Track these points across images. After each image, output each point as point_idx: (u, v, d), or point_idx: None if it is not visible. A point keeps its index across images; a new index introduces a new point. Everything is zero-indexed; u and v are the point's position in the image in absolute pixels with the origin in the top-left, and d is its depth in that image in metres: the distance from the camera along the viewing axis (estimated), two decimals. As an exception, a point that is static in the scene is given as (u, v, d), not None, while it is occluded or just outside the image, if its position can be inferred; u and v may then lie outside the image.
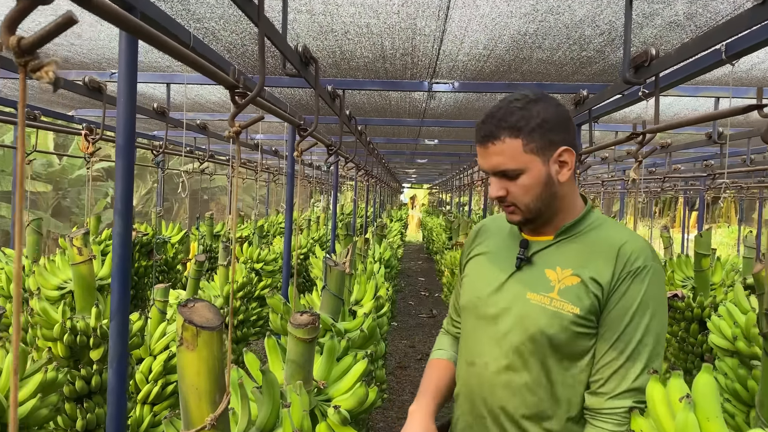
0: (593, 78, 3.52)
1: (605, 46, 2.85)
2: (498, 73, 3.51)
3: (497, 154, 1.29)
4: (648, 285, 1.25)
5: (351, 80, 3.82)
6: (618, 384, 1.24)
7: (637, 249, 1.28)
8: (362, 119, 5.53)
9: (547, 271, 1.33)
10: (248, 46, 3.12)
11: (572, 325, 1.27)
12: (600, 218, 1.38)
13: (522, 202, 1.31)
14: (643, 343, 1.24)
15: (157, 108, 3.72)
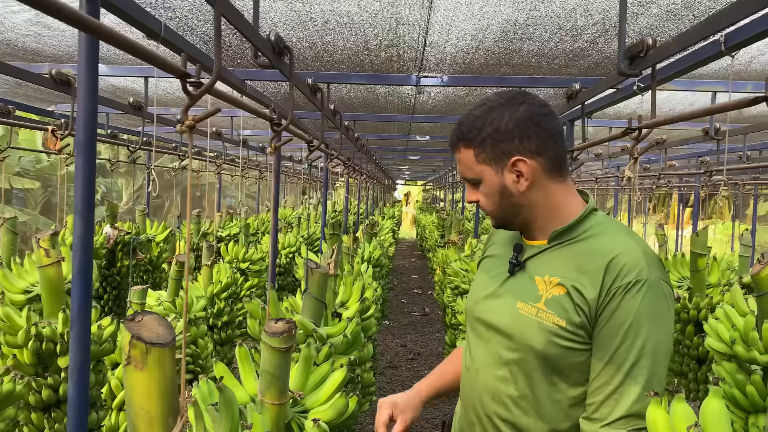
0: (586, 71, 3.39)
1: (599, 37, 2.72)
2: (488, 66, 3.38)
3: (459, 162, 1.34)
4: (642, 301, 1.16)
5: (335, 74, 3.68)
6: (612, 410, 1.17)
7: (630, 262, 1.19)
8: (350, 115, 5.39)
9: (537, 278, 1.29)
10: (224, 37, 2.97)
11: (557, 338, 1.22)
12: (601, 223, 1.29)
13: (488, 208, 1.33)
14: (638, 365, 1.15)
15: (133, 103, 3.57)
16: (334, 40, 2.88)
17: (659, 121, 1.82)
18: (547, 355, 1.24)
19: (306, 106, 5.02)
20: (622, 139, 2.69)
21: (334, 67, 3.50)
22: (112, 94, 4.81)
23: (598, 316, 1.20)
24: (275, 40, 2.00)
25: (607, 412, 1.18)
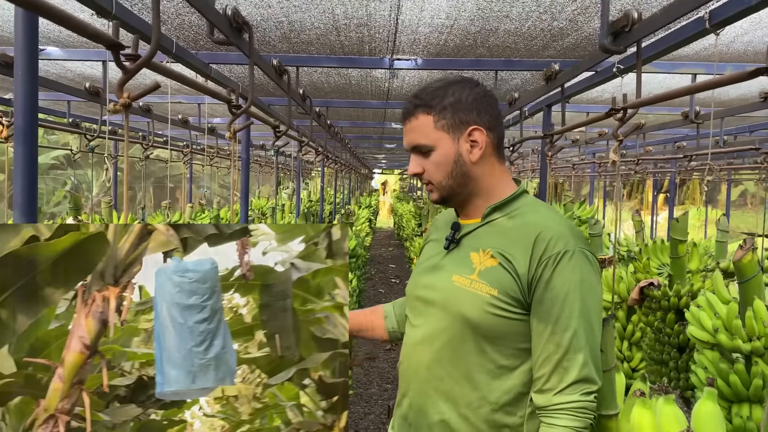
0: (566, 53, 3.27)
1: (578, 15, 2.59)
2: (463, 48, 3.24)
3: (412, 130, 1.35)
4: (574, 270, 1.24)
5: (304, 56, 3.51)
6: (562, 377, 1.23)
7: (556, 234, 1.27)
8: (322, 101, 5.21)
9: (472, 253, 1.35)
10: (184, 16, 2.78)
11: (490, 307, 1.28)
12: (531, 202, 1.39)
13: (435, 179, 1.35)
14: (579, 332, 1.23)
15: (90, 88, 3.37)
16: (301, 18, 2.71)
17: (645, 101, 1.71)
18: (479, 324, 1.28)
19: (275, 92, 4.84)
20: (602, 122, 2.58)
21: (303, 49, 3.33)
22: (71, 80, 4.57)
23: (533, 286, 1.26)
24: (232, 15, 1.84)
25: (557, 380, 1.23)
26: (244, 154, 4.11)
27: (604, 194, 14.36)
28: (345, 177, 15.82)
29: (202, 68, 3.29)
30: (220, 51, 3.52)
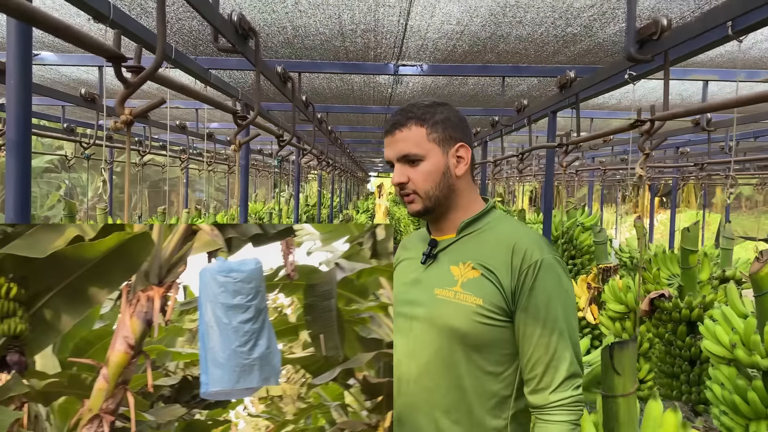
0: (576, 59, 3.18)
1: (594, 21, 2.50)
2: (471, 53, 3.15)
3: (403, 140, 1.39)
4: (551, 276, 1.33)
5: (307, 62, 3.41)
6: (554, 376, 1.31)
7: (531, 244, 1.36)
8: (322, 106, 5.11)
9: (452, 267, 1.39)
10: (183, 21, 2.68)
11: (477, 317, 1.33)
12: (500, 216, 1.47)
13: (422, 188, 1.39)
14: (563, 333, 1.32)
15: (86, 94, 3.26)
16: (306, 23, 2.61)
17: (676, 113, 1.61)
18: (467, 333, 1.33)
19: (276, 97, 4.74)
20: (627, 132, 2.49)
21: (306, 54, 3.23)
22: (67, 86, 4.46)
23: (517, 294, 1.33)
24: (238, 21, 1.74)
25: (549, 379, 1.31)
26: (243, 160, 4.01)
27: (602, 199, 14.29)
28: (342, 180, 15.72)
29: (202, 74, 3.19)
30: (220, 56, 3.42)
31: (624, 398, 1.87)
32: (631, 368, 1.99)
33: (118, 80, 0.99)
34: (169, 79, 1.14)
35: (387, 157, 1.45)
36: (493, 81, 3.98)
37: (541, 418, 1.33)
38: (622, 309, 4.18)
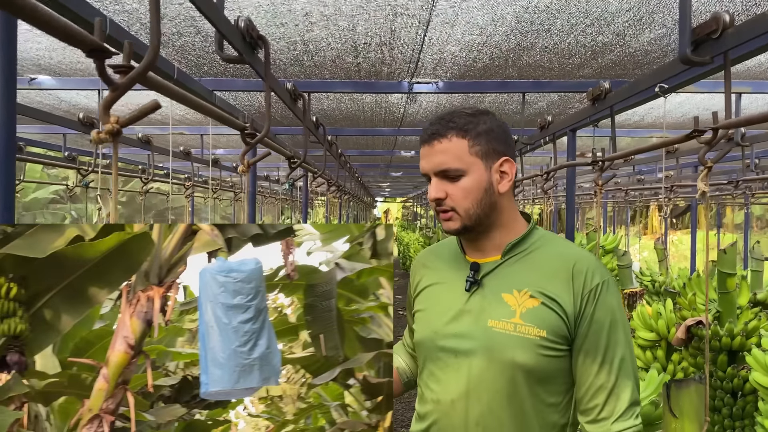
0: (601, 72, 3.00)
1: (628, 28, 2.32)
2: (491, 68, 2.96)
3: (442, 152, 1.28)
4: (610, 299, 1.27)
5: (317, 81, 3.24)
6: (615, 405, 1.25)
7: (591, 266, 1.29)
8: (332, 129, 4.94)
9: (504, 295, 1.29)
10: (187, 36, 2.51)
11: (541, 349, 1.24)
12: (544, 236, 1.37)
13: (461, 206, 1.28)
14: (625, 359, 1.26)
15: (84, 119, 3.08)
16: (317, 37, 2.44)
17: (750, 118, 1.41)
18: (533, 368, 1.25)
19: (284, 121, 4.57)
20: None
21: (316, 72, 3.06)
22: (67, 112, 4.30)
23: (578, 321, 1.25)
24: (246, 28, 1.55)
25: (611, 408, 1.24)
26: (251, 187, 3.82)
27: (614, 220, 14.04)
28: (348, 206, 15.55)
29: (206, 96, 3.01)
30: (225, 78, 3.25)
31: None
32: (694, 412, 1.74)
33: (102, 80, 0.80)
34: (166, 85, 0.94)
35: (423, 169, 1.32)
36: (512, 98, 3.80)
37: None
38: (653, 337, 3.93)
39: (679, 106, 3.87)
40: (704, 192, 1.52)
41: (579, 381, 1.28)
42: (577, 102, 3.86)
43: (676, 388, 1.79)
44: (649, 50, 2.60)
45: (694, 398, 1.61)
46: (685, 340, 3.56)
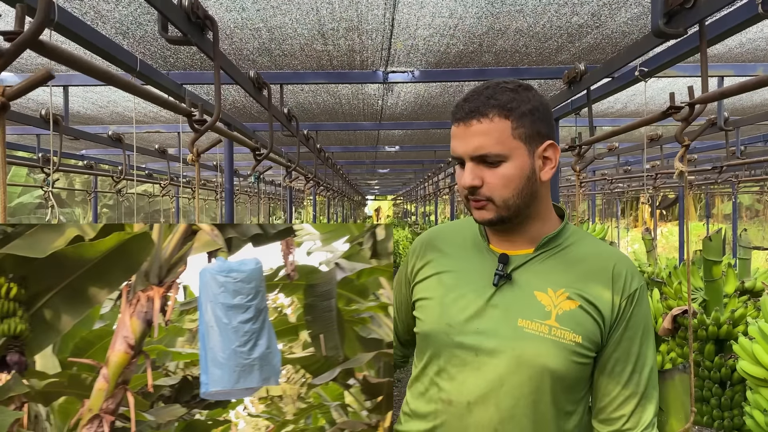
0: (581, 56, 2.91)
1: (603, 7, 2.24)
2: (467, 54, 2.88)
3: (482, 134, 1.13)
4: (645, 307, 1.20)
5: (289, 73, 3.14)
6: (641, 417, 1.19)
7: (630, 269, 1.22)
8: (311, 124, 4.85)
9: (538, 294, 1.18)
10: (147, 26, 2.41)
11: (575, 356, 1.15)
12: (576, 231, 1.27)
13: (500, 195, 1.15)
14: (654, 370, 1.21)
15: (46, 115, 2.97)
16: (281, 23, 2.34)
17: (720, 92, 1.33)
18: (562, 375, 1.16)
19: (261, 116, 4.47)
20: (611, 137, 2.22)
21: (286, 63, 2.96)
22: (35, 111, 4.18)
23: (614, 328, 1.18)
24: (190, 7, 1.45)
25: (637, 420, 1.19)
26: (228, 184, 3.72)
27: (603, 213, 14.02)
28: (338, 205, 15.46)
29: (175, 89, 2.91)
30: (194, 71, 3.15)
31: (671, 443, 1.55)
32: (680, 404, 1.66)
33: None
34: (70, 55, 0.84)
35: (455, 152, 1.16)
36: (491, 87, 3.71)
37: None
38: (640, 328, 3.86)
39: (662, 92, 3.80)
40: (682, 172, 1.43)
41: (604, 389, 1.21)
42: (557, 90, 3.78)
43: (661, 380, 1.69)
44: (627, 31, 2.52)
45: (679, 389, 1.53)
46: (671, 330, 3.49)
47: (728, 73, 3.26)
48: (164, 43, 2.68)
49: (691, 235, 20.25)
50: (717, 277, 3.42)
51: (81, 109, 4.20)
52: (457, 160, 1.17)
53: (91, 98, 3.88)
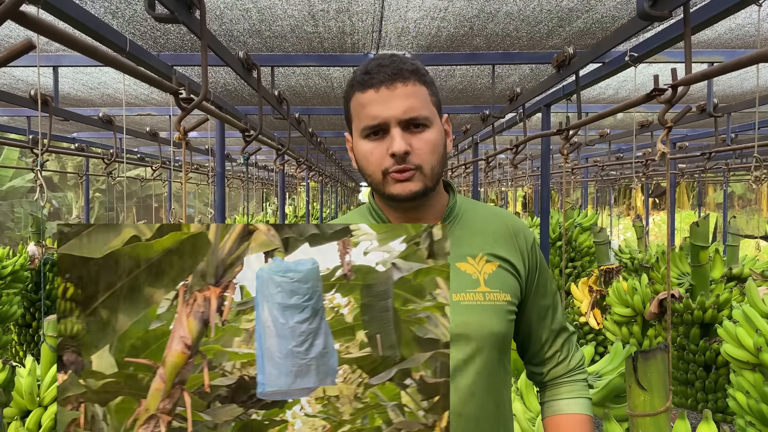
0: (572, 40, 2.91)
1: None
2: (457, 38, 2.88)
3: (410, 95, 1.08)
4: (540, 253, 1.27)
5: (280, 55, 3.13)
6: (570, 346, 1.29)
7: (519, 223, 1.27)
8: (303, 108, 4.83)
9: (460, 265, 1.17)
10: (136, 5, 2.40)
11: (509, 314, 1.17)
12: (462, 198, 1.27)
13: (429, 161, 1.11)
14: (561, 304, 1.30)
15: (35, 96, 2.95)
16: (271, 4, 2.33)
17: (700, 74, 1.34)
18: (504, 336, 1.17)
19: (252, 99, 4.46)
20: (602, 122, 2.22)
21: (277, 45, 2.95)
22: (25, 92, 4.16)
23: (528, 280, 1.23)
24: (177, -17, 1.45)
25: (567, 349, 1.29)
26: (219, 168, 3.72)
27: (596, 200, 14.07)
28: (332, 191, 15.44)
29: (166, 71, 2.90)
30: (184, 52, 3.13)
31: (652, 418, 1.57)
32: (661, 382, 1.68)
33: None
34: (53, 28, 0.85)
35: (378, 117, 1.07)
36: (482, 72, 3.71)
37: (565, 385, 1.28)
38: (628, 312, 3.90)
39: (648, 82, 3.81)
40: (664, 153, 1.45)
41: (536, 335, 1.27)
42: (551, 68, 3.80)
43: (644, 360, 1.72)
44: (617, 16, 2.53)
45: (661, 368, 1.56)
46: (658, 315, 3.53)
47: (717, 59, 3.27)
48: (154, 23, 2.67)
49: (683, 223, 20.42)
50: (704, 262, 3.46)
51: (72, 91, 4.17)
52: (372, 129, 1.09)
53: (82, 79, 3.85)
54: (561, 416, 1.26)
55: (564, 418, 1.25)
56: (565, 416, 1.25)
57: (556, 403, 1.27)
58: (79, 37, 0.98)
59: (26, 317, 4.96)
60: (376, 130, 1.08)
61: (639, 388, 1.62)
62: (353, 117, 1.13)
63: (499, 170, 11.65)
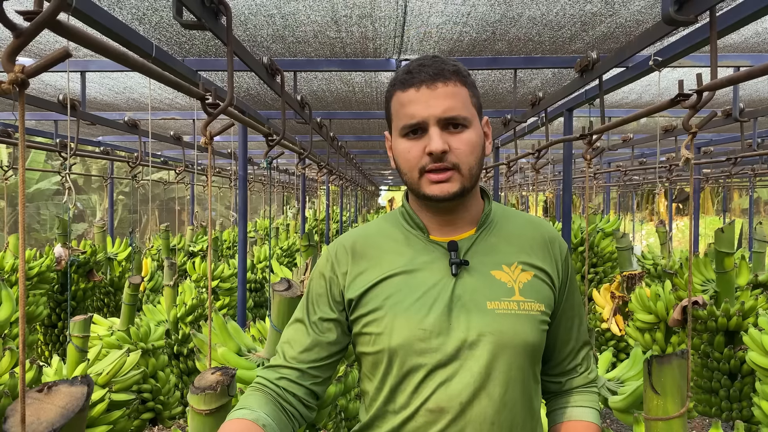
0: (595, 45, 2.90)
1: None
2: (479, 43, 2.88)
3: (450, 96, 1.08)
4: (572, 264, 1.26)
5: (302, 60, 3.16)
6: (590, 359, 1.30)
7: (554, 232, 1.25)
8: (324, 113, 4.87)
9: (494, 273, 1.15)
10: (163, 11, 2.44)
11: (542, 324, 1.16)
12: (497, 204, 1.26)
13: (467, 162, 1.10)
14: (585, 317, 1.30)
15: (63, 100, 3.02)
16: (295, 10, 2.36)
17: (723, 81, 1.33)
18: (537, 346, 1.15)
19: (275, 104, 4.50)
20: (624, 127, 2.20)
21: (300, 50, 2.98)
22: (53, 97, 4.24)
23: (562, 287, 1.22)
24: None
25: (588, 362, 1.29)
26: (241, 171, 3.76)
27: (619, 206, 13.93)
28: (351, 194, 15.49)
29: (190, 76, 2.94)
30: (209, 57, 3.18)
31: (665, 423, 1.56)
32: (677, 388, 1.67)
33: (2, 24, 0.73)
34: (87, 35, 0.87)
35: (416, 116, 1.07)
36: (504, 76, 3.71)
37: (581, 394, 1.28)
38: (651, 319, 3.86)
39: (677, 83, 3.77)
40: (688, 159, 1.44)
41: (561, 345, 1.26)
42: (573, 72, 3.78)
43: (658, 365, 1.71)
44: (641, 20, 2.51)
45: (677, 374, 1.54)
46: (681, 321, 3.49)
47: (744, 64, 3.23)
48: (179, 29, 2.71)
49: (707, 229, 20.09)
50: (729, 269, 3.40)
51: (98, 95, 4.25)
52: (411, 128, 1.08)
53: (108, 84, 3.92)
54: (576, 422, 1.25)
55: (580, 425, 1.25)
56: (581, 423, 1.25)
57: (571, 409, 1.27)
58: (110, 44, 1.01)
59: (52, 318, 5.06)
60: (414, 129, 1.08)
61: (652, 392, 1.61)
62: (393, 116, 1.13)
63: (520, 174, 11.59)
